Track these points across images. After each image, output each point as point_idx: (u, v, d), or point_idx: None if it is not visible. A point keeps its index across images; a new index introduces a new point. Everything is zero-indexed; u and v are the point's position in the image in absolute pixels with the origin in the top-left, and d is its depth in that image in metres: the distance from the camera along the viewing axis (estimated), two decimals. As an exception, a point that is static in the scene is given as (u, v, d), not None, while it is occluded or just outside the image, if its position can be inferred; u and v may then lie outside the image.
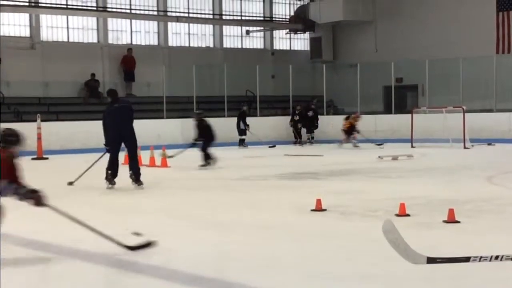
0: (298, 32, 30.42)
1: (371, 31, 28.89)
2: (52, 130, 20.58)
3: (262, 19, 30.12)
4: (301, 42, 31.44)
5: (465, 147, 20.00)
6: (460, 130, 20.34)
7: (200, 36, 28.62)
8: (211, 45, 28.94)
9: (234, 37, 29.68)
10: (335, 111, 27.98)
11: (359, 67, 26.31)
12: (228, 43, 29.38)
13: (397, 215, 7.96)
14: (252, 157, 18.64)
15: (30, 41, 24.47)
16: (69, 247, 6.66)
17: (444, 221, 7.53)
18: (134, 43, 26.72)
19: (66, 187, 11.47)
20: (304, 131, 24.75)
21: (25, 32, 24.57)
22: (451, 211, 7.57)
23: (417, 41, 27.07)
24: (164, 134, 22.61)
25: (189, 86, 24.87)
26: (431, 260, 5.13)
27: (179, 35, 27.93)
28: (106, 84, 24.73)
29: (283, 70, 27.22)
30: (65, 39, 25.28)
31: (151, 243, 6.23)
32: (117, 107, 11.65)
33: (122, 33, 26.55)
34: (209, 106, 25.59)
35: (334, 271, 5.52)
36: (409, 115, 22.50)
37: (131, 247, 6.15)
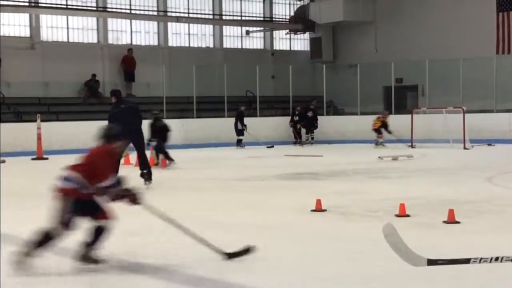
0: (298, 32, 30.43)
1: (371, 32, 28.89)
2: (52, 130, 20.55)
3: (262, 19, 30.12)
4: (301, 42, 31.44)
5: (465, 148, 19.99)
6: (460, 130, 20.34)
7: (200, 36, 28.63)
8: (211, 45, 28.95)
9: (234, 38, 29.68)
10: (335, 111, 27.99)
11: (359, 68, 26.31)
12: (228, 43, 29.38)
13: (397, 216, 7.97)
14: (252, 157, 18.63)
15: (30, 41, 24.47)
16: (69, 247, 6.65)
17: (444, 222, 7.54)
18: (134, 43, 26.72)
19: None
20: (303, 131, 24.74)
21: (25, 32, 24.57)
22: (451, 212, 7.57)
23: (417, 41, 27.06)
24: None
25: (189, 86, 24.86)
26: (431, 262, 5.13)
27: (179, 35, 27.94)
28: (106, 84, 24.76)
29: (283, 70, 27.21)
30: (65, 39, 25.28)
31: (249, 249, 5.90)
32: (125, 108, 11.68)
33: (122, 33, 26.55)
34: (209, 106, 25.62)
35: (334, 271, 5.52)
36: (409, 116, 22.50)
37: (230, 254, 5.86)
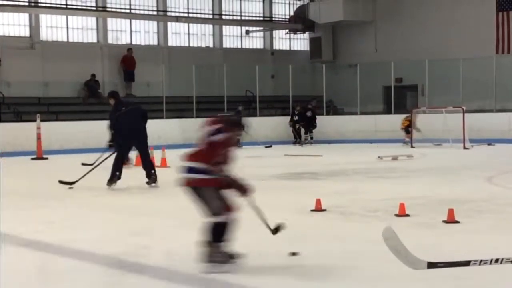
0: (297, 32, 30.42)
1: (371, 31, 28.89)
2: (52, 130, 20.56)
3: (261, 19, 30.12)
4: (300, 42, 31.44)
5: (464, 147, 19.99)
6: (460, 130, 20.34)
7: (199, 36, 28.63)
8: (211, 45, 28.94)
9: (233, 37, 29.68)
10: (335, 111, 27.98)
11: (359, 67, 26.29)
12: (227, 43, 29.38)
13: (397, 215, 7.97)
14: (252, 157, 18.63)
15: (29, 41, 24.46)
16: (69, 247, 6.66)
17: (444, 221, 7.54)
18: (133, 43, 26.72)
19: (66, 187, 11.46)
20: (303, 131, 24.73)
21: (25, 32, 24.55)
22: (451, 211, 7.57)
23: (417, 41, 27.05)
24: (163, 134, 22.59)
25: (188, 86, 24.86)
26: (431, 265, 5.14)
27: (179, 35, 27.93)
28: (106, 84, 24.77)
29: (283, 70, 27.21)
30: (65, 39, 25.27)
31: (281, 225, 6.15)
32: (131, 109, 11.71)
33: (121, 33, 26.54)
34: (209, 106, 25.57)
35: (334, 271, 5.52)
36: (409, 115, 22.48)
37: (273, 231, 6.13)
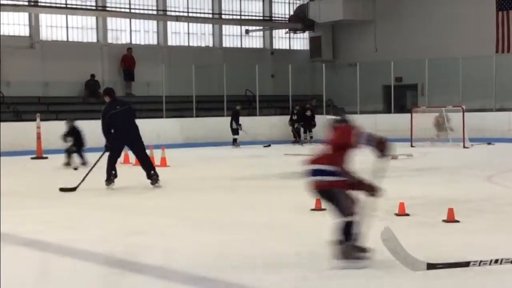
0: (297, 31, 30.41)
1: (371, 31, 28.88)
2: (51, 129, 20.51)
3: (261, 18, 30.12)
4: (300, 41, 31.43)
5: (464, 147, 19.99)
6: (459, 129, 20.34)
7: (199, 35, 28.62)
8: (211, 45, 28.94)
9: (233, 37, 29.67)
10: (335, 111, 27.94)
11: (359, 67, 26.30)
12: (227, 42, 29.38)
13: (397, 215, 7.97)
14: (252, 156, 18.64)
15: (29, 41, 24.47)
16: (69, 247, 6.66)
17: (443, 221, 7.54)
18: (133, 42, 26.72)
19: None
20: (302, 131, 24.71)
21: (25, 31, 24.56)
22: (451, 211, 7.57)
23: (416, 40, 27.06)
24: (163, 133, 22.61)
25: (188, 85, 24.86)
26: (431, 266, 5.14)
27: (179, 34, 27.93)
28: (105, 83, 24.72)
29: (283, 69, 27.21)
30: (65, 39, 25.28)
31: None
32: (126, 109, 11.64)
33: (121, 32, 26.55)
34: (209, 105, 25.62)
35: (333, 271, 5.52)
36: (409, 115, 22.49)
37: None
